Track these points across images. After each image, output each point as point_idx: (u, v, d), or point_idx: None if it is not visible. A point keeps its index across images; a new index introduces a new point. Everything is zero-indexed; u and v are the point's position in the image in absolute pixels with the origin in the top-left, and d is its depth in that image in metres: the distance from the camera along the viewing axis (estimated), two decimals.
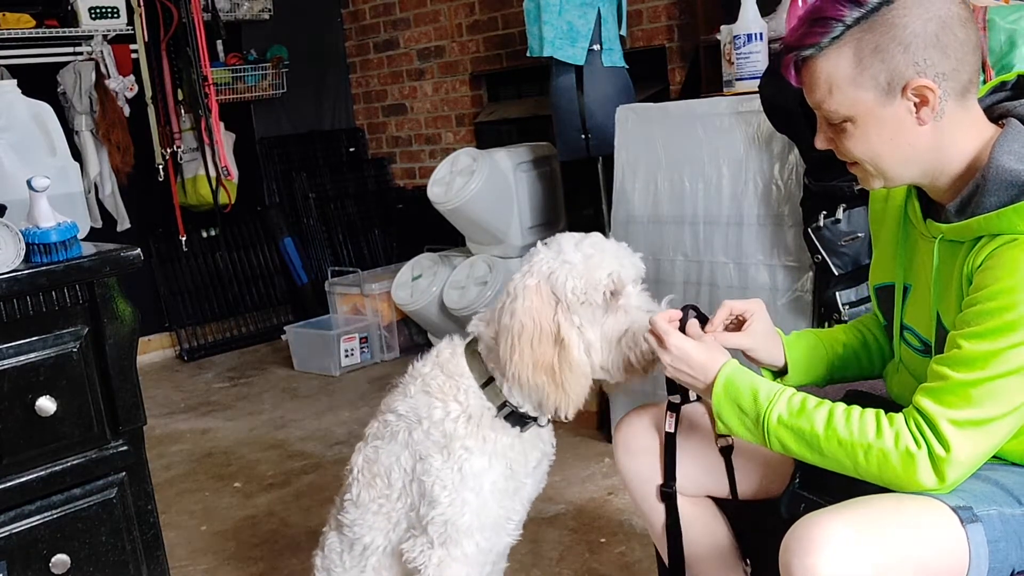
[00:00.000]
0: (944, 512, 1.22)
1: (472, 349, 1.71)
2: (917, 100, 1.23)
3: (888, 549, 1.19)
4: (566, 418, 1.64)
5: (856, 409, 1.27)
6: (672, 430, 1.57)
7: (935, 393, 1.23)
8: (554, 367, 1.58)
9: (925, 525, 1.21)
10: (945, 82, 1.22)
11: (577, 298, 1.58)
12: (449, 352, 1.73)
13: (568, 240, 1.64)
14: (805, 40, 1.26)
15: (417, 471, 1.69)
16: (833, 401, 1.34)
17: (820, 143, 1.35)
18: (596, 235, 1.66)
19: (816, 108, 1.31)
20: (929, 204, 1.36)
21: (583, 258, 1.60)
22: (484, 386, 1.67)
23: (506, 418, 1.66)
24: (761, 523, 1.57)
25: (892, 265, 1.46)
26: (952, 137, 1.27)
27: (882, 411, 1.27)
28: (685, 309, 1.50)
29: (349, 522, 1.79)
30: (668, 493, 1.60)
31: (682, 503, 1.63)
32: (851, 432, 1.25)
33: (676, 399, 1.57)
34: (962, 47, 1.22)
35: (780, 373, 1.56)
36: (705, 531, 1.66)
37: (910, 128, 1.25)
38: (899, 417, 1.25)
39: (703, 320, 1.50)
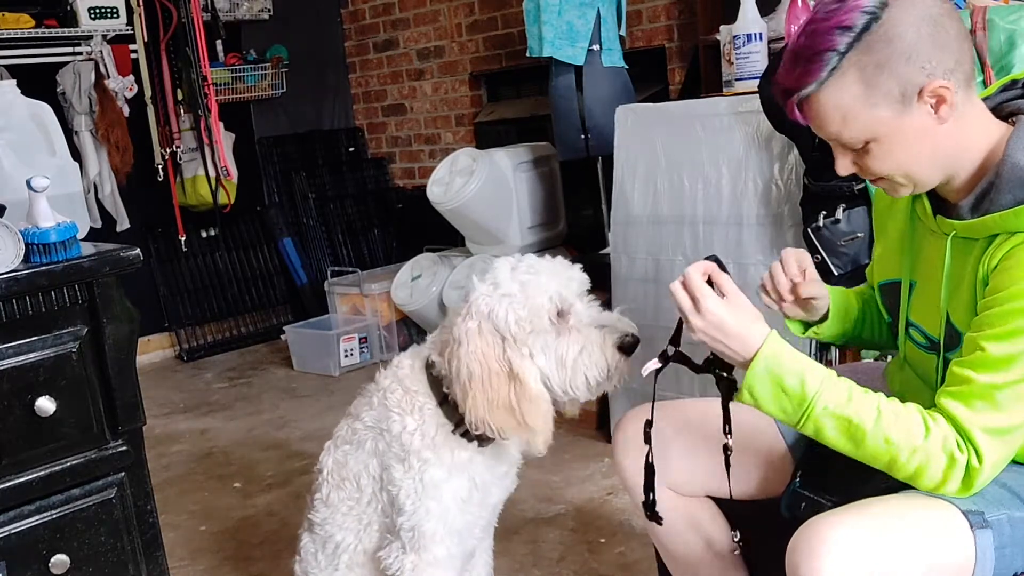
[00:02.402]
0: (954, 516, 1.22)
1: (429, 367, 1.72)
2: (934, 101, 1.22)
3: (896, 553, 1.18)
4: (539, 453, 1.65)
5: (898, 405, 1.25)
6: (652, 373, 1.43)
7: (962, 396, 1.21)
8: (512, 404, 1.58)
9: (934, 529, 1.21)
10: (953, 76, 1.22)
11: (523, 329, 1.58)
12: (408, 366, 1.75)
13: (503, 269, 1.63)
14: (804, 80, 1.23)
15: (384, 480, 1.73)
16: None
17: (843, 169, 1.32)
18: (530, 257, 1.65)
19: (833, 140, 1.28)
20: (938, 200, 1.35)
21: (520, 287, 1.59)
22: (441, 403, 1.69)
23: (463, 435, 1.68)
24: (761, 523, 1.57)
25: (898, 261, 1.45)
26: (969, 129, 1.26)
27: (922, 409, 1.24)
28: (710, 259, 1.38)
29: (320, 521, 1.83)
30: (649, 483, 1.53)
31: (682, 503, 1.62)
32: (900, 431, 1.22)
33: (671, 350, 1.44)
34: (957, 40, 1.22)
35: (807, 326, 1.57)
36: (705, 531, 1.66)
37: (932, 130, 1.24)
38: (940, 418, 1.23)
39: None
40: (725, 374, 1.38)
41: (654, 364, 1.41)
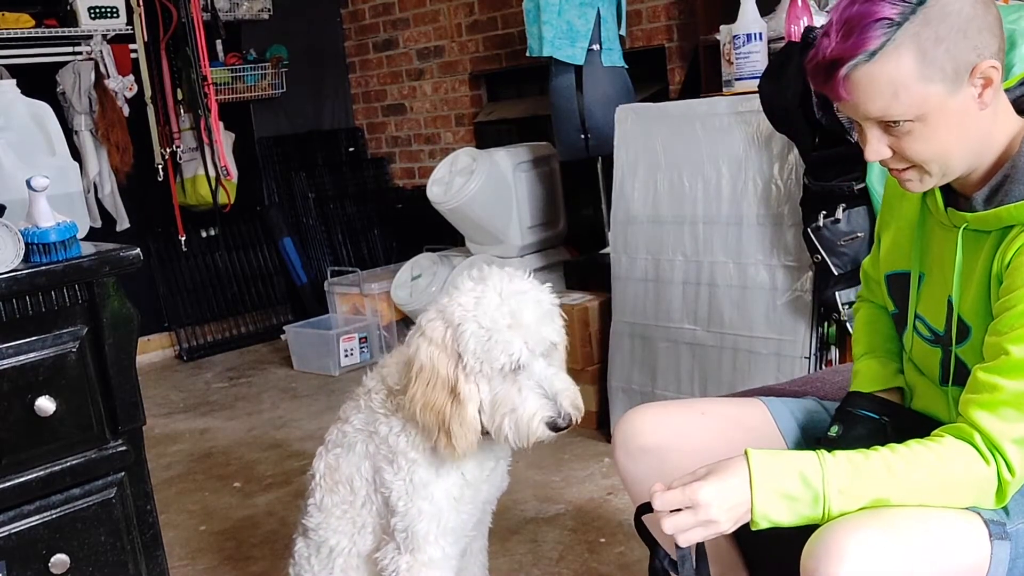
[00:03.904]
0: (976, 525, 1.21)
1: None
2: (981, 83, 1.20)
3: (914, 561, 1.17)
4: (453, 459, 1.65)
5: (903, 451, 1.21)
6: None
7: (990, 406, 1.18)
8: (445, 416, 1.58)
9: (953, 538, 1.20)
10: (998, 59, 1.19)
11: (475, 364, 1.57)
12: (393, 364, 1.75)
13: (492, 292, 1.59)
14: (857, 49, 1.18)
15: (376, 482, 1.74)
16: (837, 403, 1.31)
17: (874, 155, 1.25)
18: (528, 294, 1.60)
19: (878, 117, 1.22)
20: (948, 193, 1.34)
21: (491, 328, 1.56)
22: None
23: None
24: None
25: (908, 253, 1.44)
26: (998, 118, 1.25)
27: (927, 442, 1.22)
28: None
29: (314, 526, 1.83)
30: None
31: None
32: (917, 477, 1.20)
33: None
34: (998, 24, 1.20)
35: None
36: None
37: (973, 115, 1.22)
38: (949, 440, 1.20)
39: None
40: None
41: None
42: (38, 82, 3.91)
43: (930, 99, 1.19)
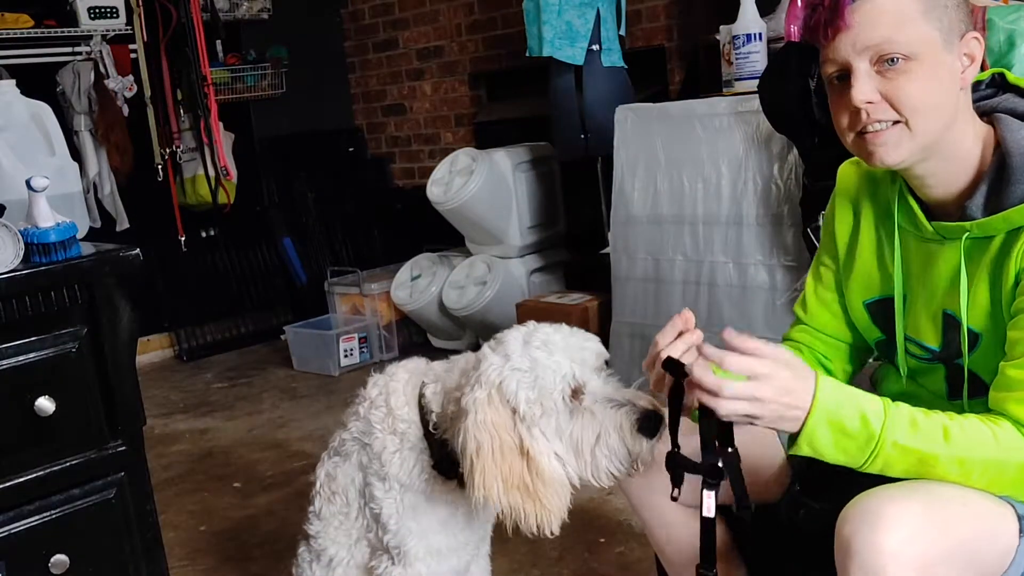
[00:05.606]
0: (1008, 517, 1.21)
1: (423, 396, 1.65)
2: (968, 60, 1.24)
3: (951, 538, 1.17)
4: (552, 534, 1.47)
5: (962, 420, 1.21)
6: (712, 514, 1.29)
7: None
8: (526, 481, 1.45)
9: (988, 525, 1.21)
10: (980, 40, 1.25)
11: (533, 410, 1.45)
12: (403, 382, 1.68)
13: (515, 341, 1.50)
14: None
15: (367, 496, 1.71)
16: None
17: (862, 95, 1.22)
18: (544, 329, 1.52)
19: (876, 49, 1.21)
20: (924, 209, 1.33)
21: (531, 363, 1.46)
22: (426, 434, 1.64)
23: (442, 472, 1.62)
24: (759, 526, 1.57)
25: (884, 277, 1.42)
26: (965, 114, 1.26)
27: (986, 419, 1.22)
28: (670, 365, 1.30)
29: (314, 533, 1.82)
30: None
31: (680, 511, 1.61)
32: (971, 450, 1.19)
33: (717, 474, 1.27)
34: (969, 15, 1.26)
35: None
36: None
37: (955, 87, 1.24)
38: (1007, 424, 1.20)
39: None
40: (730, 448, 1.27)
41: (709, 499, 1.27)
42: (38, 82, 3.90)
43: (929, 41, 1.22)
